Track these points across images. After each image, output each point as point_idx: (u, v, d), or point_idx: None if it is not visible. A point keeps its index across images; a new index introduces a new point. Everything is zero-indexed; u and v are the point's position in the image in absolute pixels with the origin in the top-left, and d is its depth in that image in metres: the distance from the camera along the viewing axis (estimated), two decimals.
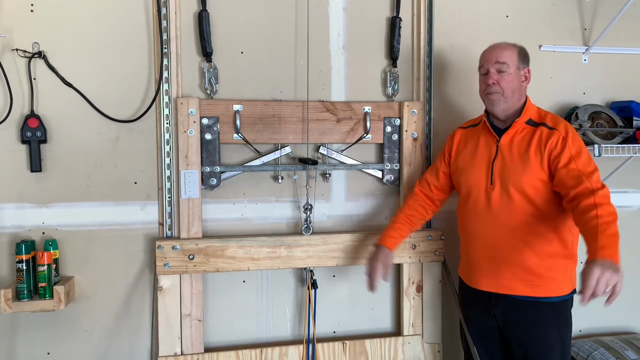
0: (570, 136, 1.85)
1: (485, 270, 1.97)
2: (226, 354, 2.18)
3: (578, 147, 1.84)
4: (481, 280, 1.99)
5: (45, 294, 1.99)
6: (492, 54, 1.96)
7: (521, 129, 1.93)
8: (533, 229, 1.87)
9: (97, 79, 2.10)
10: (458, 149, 2.10)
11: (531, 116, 1.95)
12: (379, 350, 2.31)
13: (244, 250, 2.15)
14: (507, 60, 1.93)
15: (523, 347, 1.93)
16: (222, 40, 2.19)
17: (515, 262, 1.89)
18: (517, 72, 1.94)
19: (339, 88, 2.31)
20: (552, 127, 1.89)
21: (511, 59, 1.93)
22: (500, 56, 1.93)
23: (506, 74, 1.92)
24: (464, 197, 2.04)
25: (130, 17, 2.12)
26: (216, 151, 2.16)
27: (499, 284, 1.94)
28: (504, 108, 1.95)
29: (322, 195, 2.33)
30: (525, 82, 1.97)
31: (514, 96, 1.94)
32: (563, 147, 1.83)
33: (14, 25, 2.02)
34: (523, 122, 1.93)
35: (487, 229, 1.94)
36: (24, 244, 1.99)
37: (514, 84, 1.93)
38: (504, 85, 1.92)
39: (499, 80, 1.93)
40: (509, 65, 1.92)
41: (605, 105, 2.54)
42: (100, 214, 2.14)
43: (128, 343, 2.20)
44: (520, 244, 1.88)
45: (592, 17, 2.54)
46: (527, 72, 1.98)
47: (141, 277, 2.19)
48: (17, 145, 2.05)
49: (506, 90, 1.92)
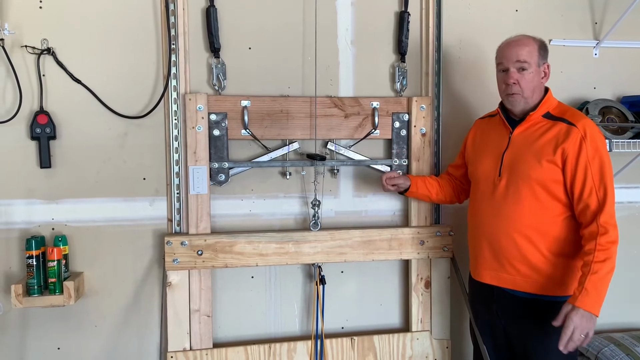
0: (589, 137, 1.78)
1: (488, 262, 1.96)
2: (235, 350, 2.19)
3: (594, 149, 1.78)
4: (484, 272, 1.98)
5: (55, 290, 2.00)
6: (512, 52, 1.87)
7: (537, 122, 1.88)
8: (538, 225, 1.85)
9: (106, 75, 2.11)
10: (474, 140, 2.10)
11: (549, 109, 1.89)
12: (387, 346, 2.31)
13: (252, 246, 2.16)
14: (528, 58, 1.85)
15: (523, 345, 1.92)
16: (230, 36, 2.19)
17: (517, 257, 1.88)
18: (537, 69, 1.87)
19: (347, 83, 2.30)
20: (571, 122, 1.81)
21: (532, 57, 1.85)
22: (521, 54, 1.85)
23: (527, 72, 1.85)
24: (474, 187, 2.04)
25: (139, 14, 2.12)
26: (224, 147, 2.17)
27: (500, 278, 1.92)
28: (523, 107, 1.90)
29: (330, 191, 2.32)
30: (544, 79, 1.90)
31: (535, 95, 1.88)
32: (579, 151, 1.77)
33: (23, 22, 2.02)
34: (540, 115, 1.88)
35: (491, 220, 1.93)
36: (34, 239, 2.00)
37: (534, 82, 1.87)
38: (524, 84, 1.86)
39: (519, 79, 1.86)
40: (530, 64, 1.85)
41: (616, 99, 2.52)
42: (109, 209, 2.15)
43: (137, 338, 2.21)
44: (523, 239, 1.86)
45: (602, 10, 2.51)
46: (546, 68, 1.90)
47: (150, 272, 2.20)
48: (26, 141, 2.06)
49: (526, 90, 1.86)
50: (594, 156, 1.78)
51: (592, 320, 1.71)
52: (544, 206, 1.84)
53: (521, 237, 1.87)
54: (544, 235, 1.85)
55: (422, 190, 2.18)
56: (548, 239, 1.85)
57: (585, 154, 1.77)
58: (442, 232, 2.30)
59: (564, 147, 1.79)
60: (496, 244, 1.92)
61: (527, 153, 1.86)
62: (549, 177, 1.82)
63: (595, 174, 1.77)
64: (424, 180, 2.19)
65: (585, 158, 1.77)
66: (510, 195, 1.88)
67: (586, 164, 1.77)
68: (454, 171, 2.23)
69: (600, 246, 1.73)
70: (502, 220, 1.90)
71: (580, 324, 1.70)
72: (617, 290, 2.55)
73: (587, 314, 1.70)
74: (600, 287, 1.73)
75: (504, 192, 1.90)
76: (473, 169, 2.05)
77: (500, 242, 1.91)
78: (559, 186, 1.82)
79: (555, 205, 1.84)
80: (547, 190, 1.83)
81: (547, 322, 1.80)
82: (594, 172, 1.77)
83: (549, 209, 1.84)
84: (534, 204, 1.85)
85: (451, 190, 2.21)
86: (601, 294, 1.73)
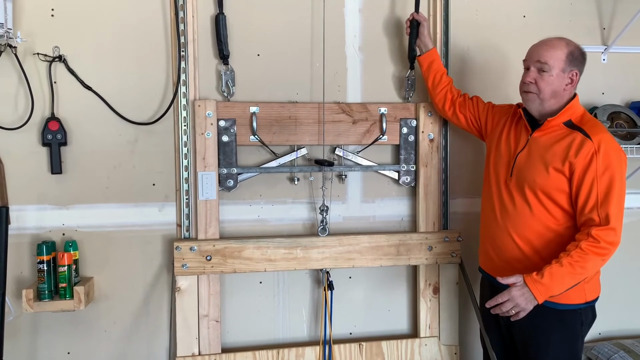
0: (603, 153, 1.73)
1: (492, 260, 1.97)
2: (243, 355, 2.20)
3: (605, 166, 1.73)
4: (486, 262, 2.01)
5: (65, 294, 2.02)
6: (536, 51, 1.84)
7: (556, 129, 1.84)
8: (540, 230, 1.84)
9: (116, 82, 2.13)
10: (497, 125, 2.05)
11: (572, 117, 1.83)
12: (395, 352, 2.31)
13: (261, 251, 2.16)
14: (550, 61, 1.80)
15: (526, 351, 1.91)
16: (239, 43, 2.20)
17: (518, 259, 1.87)
18: (560, 74, 1.80)
19: (355, 89, 2.31)
20: (587, 134, 1.76)
21: (556, 60, 1.80)
22: (543, 55, 1.81)
23: (547, 74, 1.80)
24: (487, 182, 2.04)
25: (148, 21, 2.14)
26: (233, 153, 2.18)
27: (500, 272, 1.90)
28: (538, 109, 1.86)
29: (338, 197, 2.33)
30: (569, 86, 1.83)
31: (553, 99, 1.83)
32: (588, 165, 1.73)
33: (35, 30, 2.05)
34: (560, 122, 1.83)
35: (496, 219, 1.94)
36: (44, 244, 2.02)
37: (554, 86, 1.81)
38: (542, 85, 1.81)
39: (537, 79, 1.82)
40: (551, 67, 1.79)
41: (625, 105, 2.51)
42: (119, 215, 2.16)
43: (146, 343, 2.22)
44: (523, 243, 1.86)
45: (611, 15, 2.50)
46: (574, 75, 1.82)
47: (159, 277, 2.21)
48: (38, 147, 2.08)
49: (543, 92, 1.82)
50: (604, 172, 1.73)
51: (530, 302, 1.71)
52: (547, 212, 1.83)
53: (522, 240, 1.87)
54: (545, 240, 1.84)
55: (432, 69, 2.16)
56: (549, 245, 1.84)
57: (594, 169, 1.73)
58: (450, 237, 2.30)
59: (574, 158, 1.75)
60: (499, 243, 1.93)
61: (537, 158, 1.85)
62: (554, 186, 1.80)
63: (601, 191, 1.72)
64: (438, 66, 2.17)
65: (593, 173, 1.73)
66: (515, 198, 1.88)
67: (594, 179, 1.73)
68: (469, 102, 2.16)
69: (580, 250, 1.71)
70: (505, 221, 1.91)
71: (516, 298, 1.70)
72: (627, 297, 2.55)
73: (529, 294, 1.70)
74: (557, 279, 1.70)
75: (512, 193, 1.90)
76: (492, 163, 2.01)
77: (502, 242, 1.92)
78: (564, 195, 1.80)
79: (558, 213, 1.82)
80: (551, 198, 1.82)
81: (551, 330, 1.79)
82: (601, 189, 1.73)
83: (552, 215, 1.83)
84: (537, 209, 1.84)
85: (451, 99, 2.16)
86: (554, 286, 1.71)
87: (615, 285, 1.79)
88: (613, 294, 2.42)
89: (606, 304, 1.75)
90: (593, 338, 2.51)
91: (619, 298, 2.51)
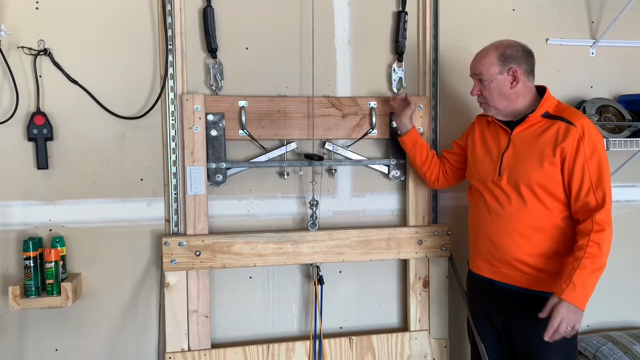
0: (587, 137, 1.79)
1: (487, 258, 1.97)
2: (233, 350, 2.19)
3: (592, 149, 1.79)
4: (483, 266, 2.00)
5: (52, 291, 2.00)
6: (472, 65, 1.97)
7: (536, 122, 1.89)
8: (538, 224, 1.86)
9: (103, 76, 2.10)
10: (474, 139, 2.08)
11: (548, 109, 1.89)
12: (385, 345, 2.31)
13: (250, 246, 2.16)
14: (483, 70, 1.90)
15: (526, 344, 1.92)
16: (227, 36, 2.19)
17: (517, 255, 1.89)
18: (498, 77, 1.88)
19: (345, 83, 2.30)
20: (570, 121, 1.82)
21: (488, 67, 1.89)
22: (477, 67, 1.93)
23: (487, 83, 1.90)
24: (474, 186, 2.05)
25: (135, 14, 2.11)
26: (222, 147, 2.16)
27: (500, 273, 1.93)
28: (500, 113, 1.95)
29: (328, 191, 2.32)
30: (516, 83, 1.88)
31: (505, 101, 1.91)
32: (577, 151, 1.78)
33: (19, 23, 2.02)
34: (539, 115, 1.89)
35: (491, 219, 1.94)
36: (31, 241, 2.00)
37: (499, 90, 1.89)
38: (487, 94, 1.92)
39: (482, 90, 1.93)
40: (486, 75, 1.89)
41: (613, 98, 2.52)
42: (106, 210, 2.14)
43: (135, 339, 2.20)
44: (522, 239, 1.87)
45: (599, 9, 2.51)
46: (514, 72, 1.88)
47: (148, 273, 2.19)
48: (23, 142, 2.05)
49: (491, 99, 1.92)
50: (592, 155, 1.79)
51: (578, 313, 1.73)
52: (543, 206, 1.85)
53: (520, 237, 1.88)
54: (544, 233, 1.86)
55: (417, 146, 2.18)
56: (548, 238, 1.86)
57: (583, 154, 1.78)
58: (440, 231, 2.30)
59: (563, 147, 1.80)
60: (496, 242, 1.93)
61: (527, 153, 1.87)
62: (549, 178, 1.83)
63: (593, 173, 1.78)
64: (422, 142, 2.20)
65: (583, 157, 1.78)
66: (509, 195, 1.89)
67: (584, 163, 1.78)
68: (448, 155, 2.21)
69: (593, 243, 1.74)
70: (501, 219, 1.91)
71: (567, 316, 1.71)
72: (615, 289, 2.57)
73: (573, 307, 1.71)
74: (588, 282, 1.73)
75: (504, 191, 1.90)
76: (472, 168, 2.05)
77: (500, 240, 1.92)
78: (558, 186, 1.83)
79: (554, 205, 1.85)
80: (547, 191, 1.84)
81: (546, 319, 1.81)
82: (592, 171, 1.78)
83: (549, 208, 1.85)
84: (534, 204, 1.86)
85: (438, 169, 2.20)
86: (588, 289, 1.74)
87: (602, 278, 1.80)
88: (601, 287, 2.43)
89: (594, 297, 1.76)
90: (582, 330, 2.53)
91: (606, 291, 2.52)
